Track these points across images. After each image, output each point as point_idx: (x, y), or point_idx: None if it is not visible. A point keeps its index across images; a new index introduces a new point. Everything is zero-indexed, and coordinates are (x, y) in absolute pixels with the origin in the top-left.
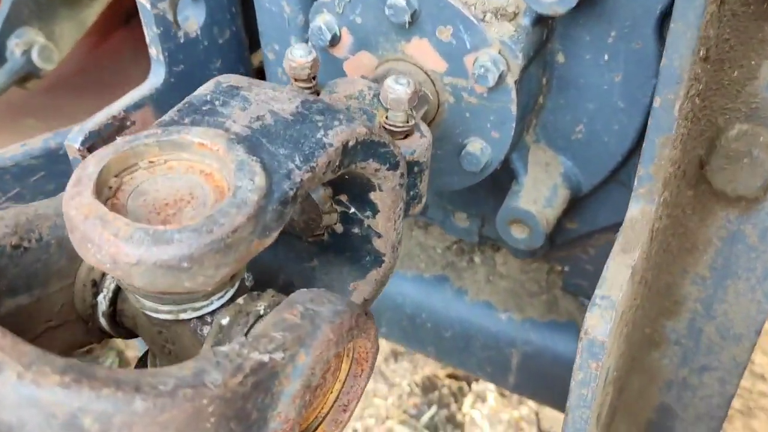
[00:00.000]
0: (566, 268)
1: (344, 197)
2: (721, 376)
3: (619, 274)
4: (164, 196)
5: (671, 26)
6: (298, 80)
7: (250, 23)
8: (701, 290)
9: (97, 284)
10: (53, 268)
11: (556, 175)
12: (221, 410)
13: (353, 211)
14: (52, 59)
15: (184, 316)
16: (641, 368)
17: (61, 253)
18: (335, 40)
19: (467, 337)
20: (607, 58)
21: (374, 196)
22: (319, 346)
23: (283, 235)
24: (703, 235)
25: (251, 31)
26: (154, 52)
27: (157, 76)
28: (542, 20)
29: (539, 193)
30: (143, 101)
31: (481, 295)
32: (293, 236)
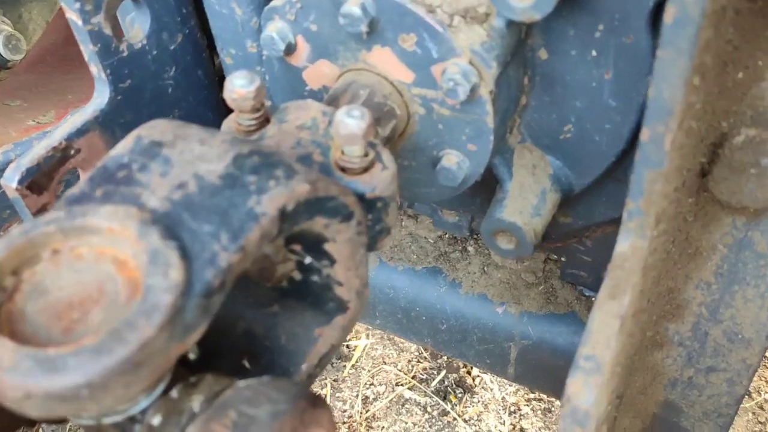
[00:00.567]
0: (563, 258)
1: (298, 246)
2: (729, 377)
3: (605, 327)
4: (69, 295)
5: (658, 53)
6: (243, 112)
7: (207, 21)
8: (706, 295)
9: None
10: None
11: (544, 178)
12: None
13: (309, 260)
14: (19, 48)
15: (107, 420)
16: (644, 367)
17: None
18: (291, 48)
19: (463, 330)
20: (594, 53)
21: (329, 247)
22: None
23: (239, 280)
24: (706, 241)
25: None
26: (94, 70)
27: (101, 96)
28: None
29: (526, 201)
30: (87, 126)
31: (475, 287)
32: (250, 281)
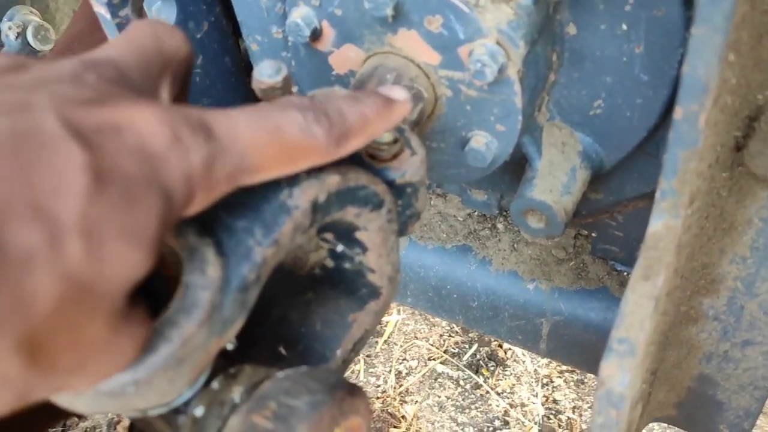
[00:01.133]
0: (594, 233)
1: (330, 235)
2: (766, 350)
3: (639, 309)
4: None
5: (692, 31)
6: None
7: (231, 7)
8: (741, 269)
9: None
10: None
11: (573, 155)
12: None
13: (341, 248)
14: (48, 39)
15: (153, 412)
16: (678, 342)
17: None
18: (316, 34)
19: (495, 307)
20: (625, 27)
21: (360, 235)
22: None
23: (274, 269)
24: (741, 215)
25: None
26: None
27: None
28: None
29: (555, 179)
30: None
31: (506, 264)
32: (284, 270)
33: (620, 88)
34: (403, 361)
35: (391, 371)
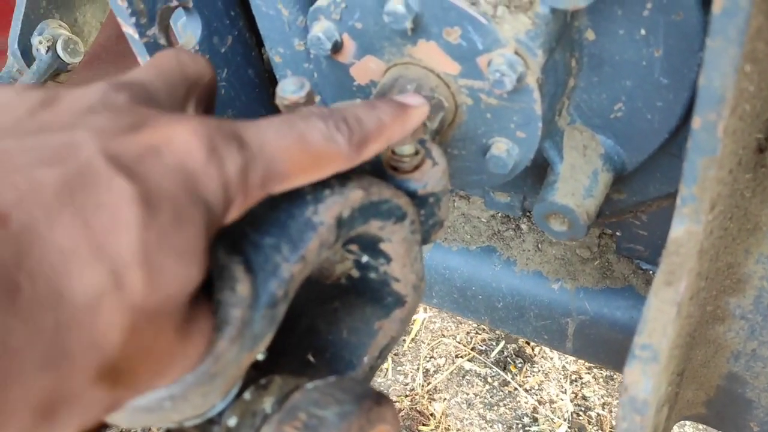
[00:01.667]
0: (618, 233)
1: (354, 247)
2: None
3: (662, 314)
4: None
5: (707, 43)
6: None
7: (254, 20)
8: (767, 269)
9: None
10: None
11: (595, 158)
12: None
13: (366, 259)
14: (77, 51)
15: (188, 424)
16: (705, 341)
17: None
18: (337, 46)
19: (520, 307)
20: (643, 32)
21: (384, 246)
22: None
23: None
24: (766, 216)
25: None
26: None
27: None
28: None
29: (577, 182)
30: None
31: (530, 265)
32: (311, 280)
33: (640, 91)
34: (430, 359)
35: (419, 369)
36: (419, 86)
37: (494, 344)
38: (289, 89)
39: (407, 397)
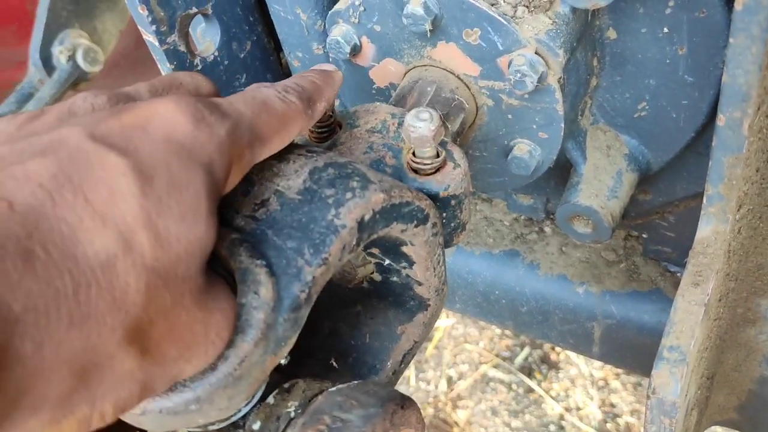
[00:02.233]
0: (644, 234)
1: (376, 250)
2: None
3: (689, 316)
4: None
5: (730, 40)
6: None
7: (273, 25)
8: None
9: None
10: None
11: (619, 158)
12: None
13: (388, 262)
14: (97, 60)
15: (213, 428)
16: (736, 344)
17: None
18: (356, 50)
19: (544, 312)
20: (666, 30)
21: (407, 249)
22: None
23: None
24: None
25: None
26: None
27: None
28: None
29: (601, 183)
30: None
31: (554, 268)
32: (333, 283)
33: (664, 89)
34: (453, 365)
35: (441, 376)
36: (439, 88)
37: (518, 350)
38: None
39: (430, 404)
